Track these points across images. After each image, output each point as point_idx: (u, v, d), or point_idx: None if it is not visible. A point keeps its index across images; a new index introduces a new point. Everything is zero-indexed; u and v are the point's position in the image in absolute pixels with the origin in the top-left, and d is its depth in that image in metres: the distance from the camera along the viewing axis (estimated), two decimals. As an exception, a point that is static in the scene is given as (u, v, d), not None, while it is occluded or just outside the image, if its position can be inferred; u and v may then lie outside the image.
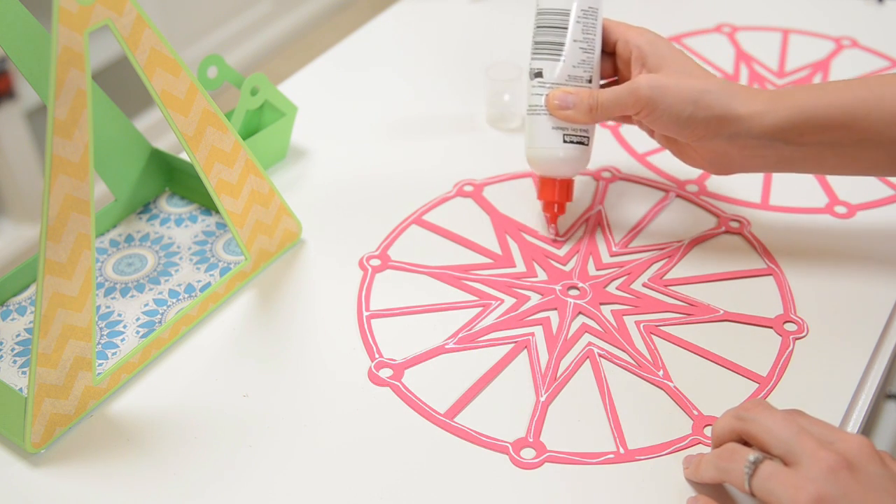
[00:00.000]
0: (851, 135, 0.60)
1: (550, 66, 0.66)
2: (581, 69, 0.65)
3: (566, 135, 0.66)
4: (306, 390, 0.60)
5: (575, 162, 0.67)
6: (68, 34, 0.49)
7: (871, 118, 0.59)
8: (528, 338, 0.62)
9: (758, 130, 0.61)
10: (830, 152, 0.61)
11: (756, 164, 0.64)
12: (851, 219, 0.71)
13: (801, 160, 0.62)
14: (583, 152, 0.67)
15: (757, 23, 0.94)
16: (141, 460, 0.56)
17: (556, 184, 0.68)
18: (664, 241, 0.70)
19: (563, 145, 0.66)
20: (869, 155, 0.61)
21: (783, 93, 0.61)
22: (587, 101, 0.64)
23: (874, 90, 0.60)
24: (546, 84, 0.66)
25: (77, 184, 0.52)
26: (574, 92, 0.65)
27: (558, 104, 0.65)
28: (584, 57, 0.65)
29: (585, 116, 0.65)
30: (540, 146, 0.67)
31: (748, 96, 0.61)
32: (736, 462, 0.49)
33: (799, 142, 0.61)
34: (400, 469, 0.55)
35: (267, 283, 0.67)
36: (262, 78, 0.74)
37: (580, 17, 0.65)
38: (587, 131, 0.67)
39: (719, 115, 0.61)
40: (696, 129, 0.62)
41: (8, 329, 0.64)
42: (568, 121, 0.65)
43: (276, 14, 2.19)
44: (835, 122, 0.60)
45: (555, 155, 0.66)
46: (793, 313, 0.64)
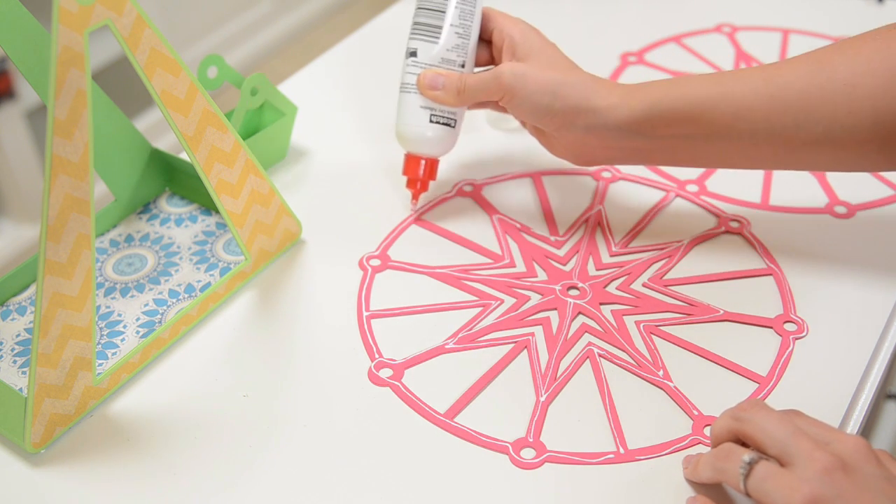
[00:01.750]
0: (700, 128, 0.62)
1: (426, 47, 0.67)
2: (455, 53, 0.67)
3: (433, 115, 0.68)
4: (306, 390, 0.60)
5: (440, 142, 0.69)
6: (68, 34, 0.49)
7: (716, 112, 0.61)
8: (528, 338, 0.63)
9: (612, 122, 0.63)
10: (683, 145, 0.63)
11: (614, 156, 0.66)
12: (851, 219, 0.71)
13: (656, 152, 0.64)
14: (448, 133, 0.68)
15: (757, 23, 0.94)
16: (141, 460, 0.56)
17: (421, 161, 0.70)
18: (664, 241, 0.70)
19: (429, 125, 0.68)
20: (718, 148, 0.63)
21: (640, 86, 0.63)
22: (455, 83, 0.66)
23: (723, 84, 0.61)
24: (420, 64, 0.67)
25: (77, 184, 0.52)
26: (445, 74, 0.67)
27: (428, 84, 0.67)
28: (459, 42, 0.67)
29: (453, 98, 0.67)
30: (407, 123, 0.68)
31: (606, 89, 0.63)
32: (732, 462, 0.49)
33: (652, 134, 0.63)
34: (400, 469, 0.55)
35: (267, 283, 0.67)
36: (262, 78, 0.74)
37: (459, 2, 0.67)
38: (455, 114, 0.68)
39: (575, 106, 0.63)
40: (553, 119, 0.64)
41: (8, 329, 0.64)
42: (436, 101, 0.67)
43: (276, 14, 2.19)
44: (683, 116, 0.62)
45: (421, 133, 0.68)
46: (793, 313, 0.64)
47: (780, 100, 0.60)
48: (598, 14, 0.96)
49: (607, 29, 0.94)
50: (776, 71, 0.61)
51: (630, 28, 0.94)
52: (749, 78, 0.61)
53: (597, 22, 0.95)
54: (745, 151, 0.62)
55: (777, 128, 0.60)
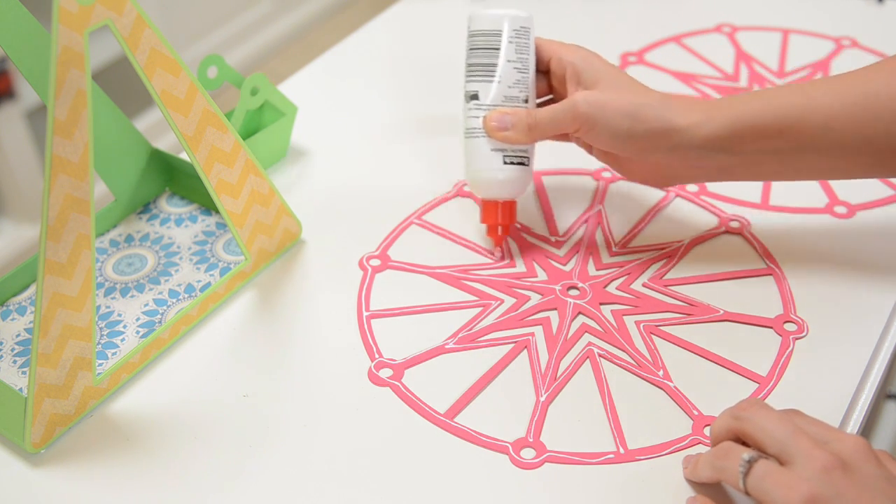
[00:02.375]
0: (787, 142, 0.60)
1: (485, 87, 0.65)
2: (517, 89, 0.65)
3: (506, 156, 0.65)
4: (306, 390, 0.60)
5: (516, 183, 0.66)
6: (68, 34, 0.49)
7: (805, 124, 0.59)
8: (528, 338, 0.63)
9: (697, 141, 0.61)
10: (769, 159, 0.61)
11: (697, 175, 0.64)
12: (851, 219, 0.71)
13: (741, 168, 0.62)
14: (524, 173, 0.66)
15: (757, 23, 0.94)
16: (141, 460, 0.56)
17: (499, 206, 0.67)
18: (664, 241, 0.70)
19: (503, 167, 0.65)
20: (806, 161, 0.61)
21: (721, 102, 0.62)
22: (525, 120, 0.64)
23: (809, 95, 0.60)
24: (482, 106, 0.65)
25: (77, 184, 0.52)
26: (511, 112, 0.64)
27: (496, 125, 0.64)
28: (519, 77, 0.65)
29: (524, 136, 0.64)
30: (480, 169, 0.66)
31: (686, 107, 0.61)
32: (731, 461, 0.49)
33: (737, 150, 0.61)
34: (400, 469, 0.55)
35: (267, 283, 0.67)
36: (262, 78, 0.74)
37: (512, 37, 0.65)
38: (527, 151, 0.66)
39: (657, 128, 0.61)
40: (635, 143, 0.62)
41: (8, 329, 0.64)
42: (507, 142, 0.64)
43: (276, 14, 2.19)
44: (770, 130, 0.60)
45: (495, 177, 0.65)
46: (793, 313, 0.64)
47: (869, 108, 0.58)
48: (598, 14, 0.96)
49: (607, 29, 0.94)
50: (862, 79, 0.60)
51: (630, 28, 0.94)
52: (835, 87, 0.60)
53: (597, 22, 0.95)
54: (833, 163, 0.61)
55: (866, 137, 0.59)
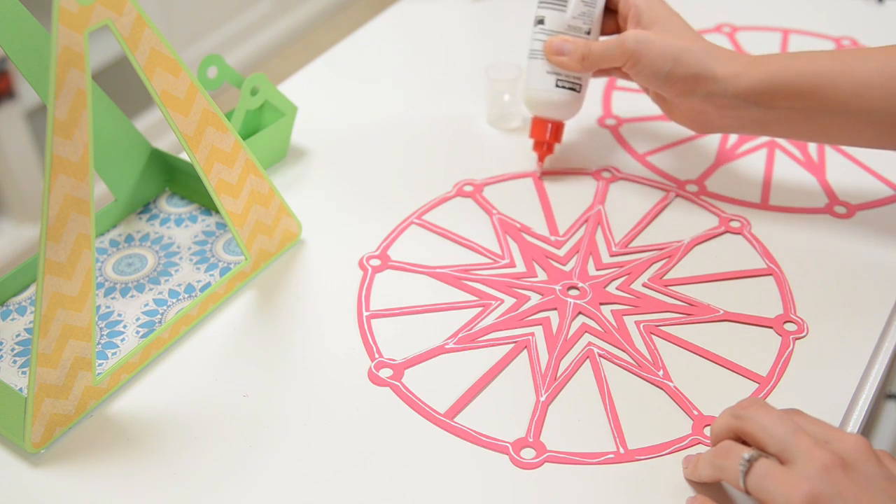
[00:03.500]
0: (818, 103, 0.63)
1: (553, 15, 0.70)
2: (581, 20, 0.70)
3: (559, 79, 0.71)
4: (306, 390, 0.60)
5: (566, 106, 0.72)
6: (68, 34, 0.49)
7: (836, 88, 0.62)
8: (528, 338, 0.63)
9: (732, 91, 0.65)
10: (800, 117, 0.65)
11: (731, 124, 0.67)
12: (851, 219, 0.71)
13: (773, 123, 0.66)
14: (574, 98, 0.71)
15: (757, 23, 0.94)
16: (141, 460, 0.56)
17: (547, 124, 0.73)
18: (664, 241, 0.70)
19: (555, 89, 0.71)
20: (836, 124, 0.64)
21: (761, 58, 0.65)
22: (581, 49, 0.69)
23: (844, 62, 0.63)
24: (547, 31, 0.70)
25: (77, 184, 0.52)
26: (571, 41, 0.69)
27: (554, 50, 0.70)
28: (585, 9, 0.70)
29: (577, 64, 0.69)
30: (535, 88, 0.71)
31: (728, 58, 0.65)
32: (731, 460, 0.49)
33: (770, 105, 0.64)
34: (400, 469, 0.55)
35: (267, 283, 0.67)
36: (262, 78, 0.74)
37: None
38: (580, 79, 0.71)
39: (696, 74, 0.65)
40: (675, 85, 0.66)
41: (8, 329, 0.64)
42: (561, 67, 0.70)
43: (276, 14, 2.19)
44: (803, 90, 0.63)
45: (547, 97, 0.71)
46: (793, 313, 0.64)
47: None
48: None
49: (607, 29, 0.94)
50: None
51: (630, 28, 0.94)
52: (870, 57, 0.63)
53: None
54: (861, 129, 0.64)
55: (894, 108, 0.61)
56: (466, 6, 0.98)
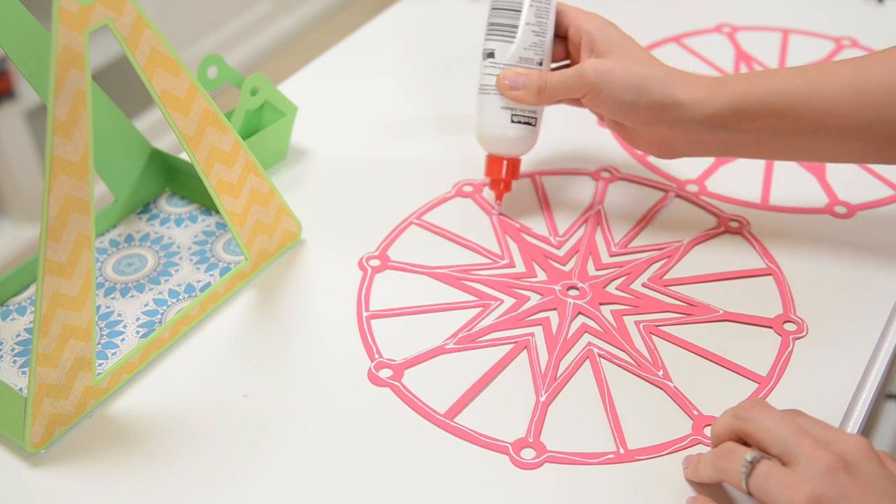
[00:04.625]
0: (787, 123, 0.62)
1: (503, 47, 0.67)
2: (532, 51, 0.67)
3: (514, 115, 0.68)
4: (306, 390, 0.60)
5: (522, 141, 0.69)
6: (68, 34, 0.49)
7: (804, 107, 0.61)
8: (528, 338, 0.63)
9: (698, 116, 0.63)
10: (768, 138, 0.63)
11: (698, 149, 0.66)
12: (851, 219, 0.71)
13: (741, 146, 0.64)
14: (530, 132, 0.69)
15: (757, 23, 0.94)
16: (141, 460, 0.56)
17: (504, 162, 0.70)
18: (664, 241, 0.70)
19: (511, 125, 0.68)
20: (805, 142, 0.63)
21: (724, 80, 0.63)
22: (536, 82, 0.66)
23: (809, 79, 0.61)
24: (498, 64, 0.67)
25: (77, 184, 0.52)
26: (524, 73, 0.67)
27: (508, 84, 0.67)
28: (536, 40, 0.67)
29: (534, 97, 0.67)
30: (489, 124, 0.68)
31: (690, 83, 0.63)
32: (733, 461, 0.49)
33: (738, 128, 0.63)
34: (400, 469, 0.55)
35: (267, 283, 0.67)
36: (262, 78, 0.74)
37: (534, 0, 0.67)
38: (535, 112, 0.68)
39: (661, 101, 0.63)
40: (639, 114, 0.64)
41: (8, 329, 0.64)
42: (517, 101, 0.67)
43: (276, 14, 2.19)
44: (770, 111, 0.62)
45: (503, 134, 0.68)
46: (793, 313, 0.64)
47: (870, 94, 0.60)
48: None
49: (607, 29, 0.94)
50: (864, 65, 0.61)
51: (630, 28, 0.94)
52: (837, 72, 0.61)
53: (597, 22, 0.95)
54: (831, 146, 0.62)
55: (866, 123, 0.60)
56: (466, 6, 0.98)
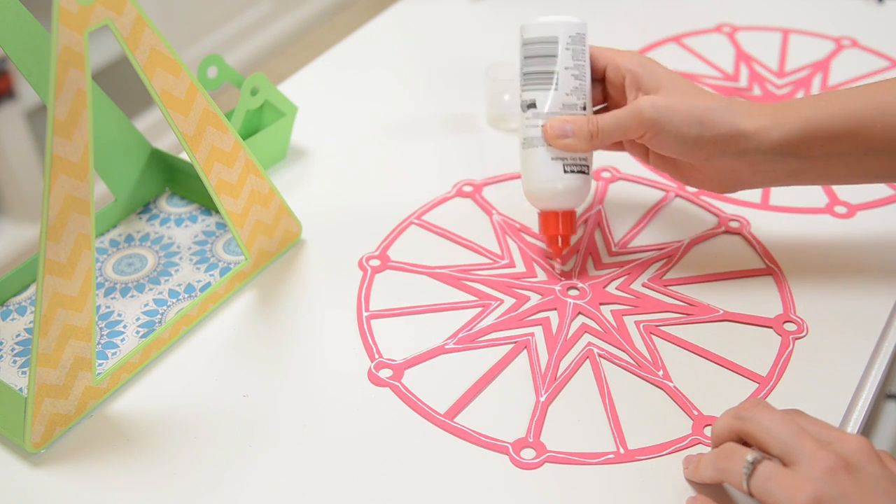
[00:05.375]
0: (858, 144, 0.60)
1: (543, 95, 0.64)
2: (575, 96, 0.64)
3: (566, 165, 0.63)
4: (306, 390, 0.60)
5: (577, 192, 0.64)
6: (68, 34, 0.49)
7: (876, 127, 0.59)
8: (528, 338, 0.63)
9: (766, 145, 0.60)
10: (837, 162, 0.61)
11: (764, 179, 0.63)
12: (851, 219, 0.71)
13: (809, 172, 0.62)
14: (584, 181, 0.64)
15: (757, 23, 0.94)
16: (141, 460, 0.56)
17: (560, 216, 0.65)
18: (664, 241, 0.70)
19: (563, 176, 0.63)
20: (875, 163, 0.61)
21: (787, 106, 0.61)
22: (587, 127, 0.63)
23: (877, 98, 0.60)
24: (541, 114, 0.63)
25: (77, 184, 0.52)
26: (572, 120, 0.63)
27: (557, 133, 0.63)
28: (577, 84, 0.64)
29: (586, 144, 0.63)
30: (540, 179, 0.64)
31: (753, 112, 0.61)
32: (734, 462, 0.49)
33: (806, 154, 0.60)
34: (400, 469, 0.55)
35: (267, 283, 0.67)
36: (262, 78, 0.74)
37: (569, 44, 0.64)
38: (586, 160, 0.64)
39: (726, 133, 0.60)
40: (703, 149, 0.61)
41: (8, 329, 0.64)
42: (568, 150, 0.63)
43: (276, 14, 2.19)
44: (841, 133, 0.60)
45: (556, 187, 0.64)
46: (793, 313, 0.64)
47: None
48: (598, 14, 0.96)
49: (607, 29, 0.94)
50: None
51: (630, 28, 0.94)
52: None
53: (597, 22, 0.95)
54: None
55: None
56: (466, 6, 0.98)
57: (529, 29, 0.65)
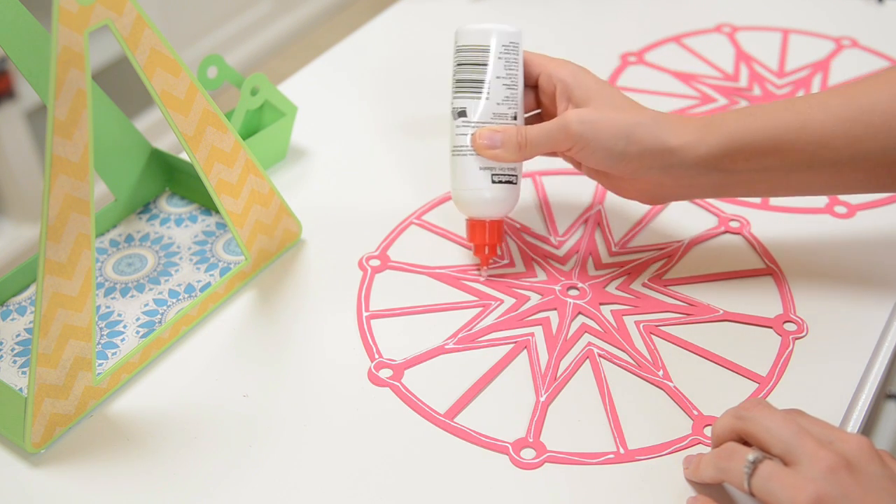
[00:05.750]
0: (782, 159, 0.60)
1: (474, 104, 0.63)
2: (505, 106, 0.63)
3: (494, 174, 0.63)
4: (306, 390, 0.60)
5: (504, 202, 0.64)
6: (68, 34, 0.49)
7: (798, 143, 0.59)
8: (528, 338, 0.63)
9: (691, 160, 0.60)
10: (762, 176, 0.61)
11: (690, 193, 0.63)
12: (851, 219, 0.71)
13: (734, 185, 0.62)
14: (511, 191, 0.64)
15: (757, 23, 0.94)
16: (141, 460, 0.56)
17: (486, 225, 0.65)
18: (664, 241, 0.70)
19: (491, 185, 0.63)
20: (800, 177, 0.61)
21: (713, 121, 0.61)
22: (515, 138, 0.62)
23: (801, 113, 0.59)
24: (471, 123, 0.63)
25: (77, 184, 0.52)
26: (501, 130, 0.63)
27: (486, 143, 0.63)
28: (508, 93, 0.63)
29: (514, 154, 0.63)
30: (467, 188, 0.64)
31: (679, 127, 0.60)
32: (735, 462, 0.49)
33: (731, 168, 0.60)
34: (400, 469, 0.55)
35: (267, 283, 0.67)
36: (262, 78, 0.74)
37: (501, 52, 0.63)
38: (515, 170, 0.64)
39: (652, 148, 0.60)
40: (629, 163, 0.61)
41: (8, 329, 0.64)
42: (496, 160, 0.63)
43: (276, 14, 2.19)
44: (764, 149, 0.59)
45: (483, 196, 0.64)
46: (793, 313, 0.64)
47: (864, 124, 0.58)
48: (598, 14, 0.96)
49: (607, 29, 0.94)
50: (856, 92, 0.59)
51: (630, 28, 0.94)
52: (829, 103, 0.59)
53: (597, 22, 0.95)
54: (826, 180, 0.60)
55: (861, 154, 0.58)
56: (466, 6, 0.98)
57: (462, 35, 0.65)
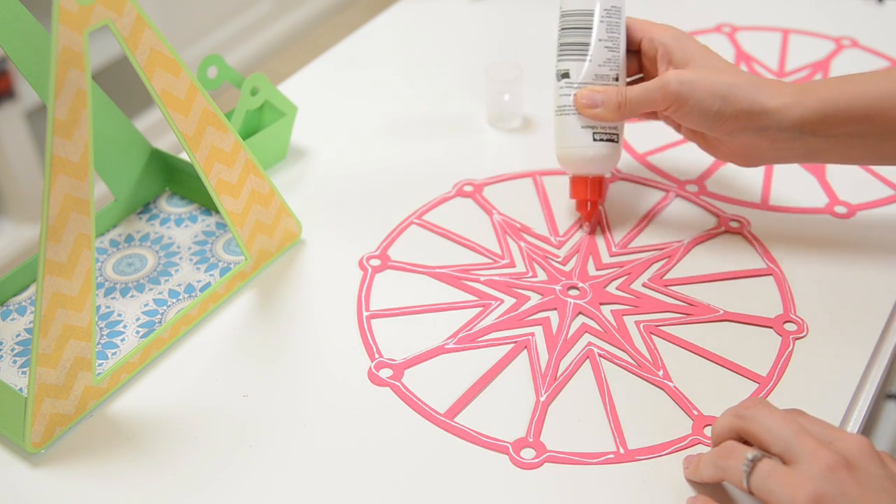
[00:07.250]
0: (876, 126, 0.61)
1: (577, 66, 0.67)
2: (607, 67, 0.66)
3: (595, 133, 0.67)
4: (306, 390, 0.60)
5: (606, 160, 0.68)
6: (68, 34, 0.49)
7: (893, 110, 0.61)
8: (528, 338, 0.63)
9: (787, 123, 0.62)
10: (856, 142, 0.62)
11: (785, 156, 0.65)
12: (851, 219, 0.71)
13: (829, 150, 0.63)
14: (613, 149, 0.68)
15: (757, 23, 0.94)
16: (141, 460, 0.56)
17: (588, 182, 0.68)
18: (664, 241, 0.70)
19: (592, 143, 0.67)
20: (893, 146, 0.62)
21: (810, 86, 0.63)
22: (615, 98, 0.65)
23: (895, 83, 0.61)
24: (574, 84, 0.67)
25: (77, 184, 0.52)
26: (602, 90, 0.66)
27: (587, 103, 0.66)
28: (610, 56, 0.66)
29: (614, 114, 0.66)
30: (570, 145, 0.67)
31: (776, 90, 0.62)
32: (734, 460, 0.49)
33: (826, 133, 0.62)
34: (400, 469, 0.55)
35: (267, 283, 0.67)
36: (262, 78, 0.74)
37: (604, 16, 0.67)
38: (616, 129, 0.67)
39: (748, 109, 0.62)
40: (725, 124, 0.63)
41: (8, 329, 0.64)
42: (597, 119, 0.66)
43: (276, 14, 2.19)
44: (860, 114, 0.61)
45: (585, 153, 0.67)
46: (793, 313, 0.64)
47: None
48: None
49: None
50: None
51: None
52: None
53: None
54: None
55: None
56: (466, 6, 0.98)
57: (567, 1, 0.68)
